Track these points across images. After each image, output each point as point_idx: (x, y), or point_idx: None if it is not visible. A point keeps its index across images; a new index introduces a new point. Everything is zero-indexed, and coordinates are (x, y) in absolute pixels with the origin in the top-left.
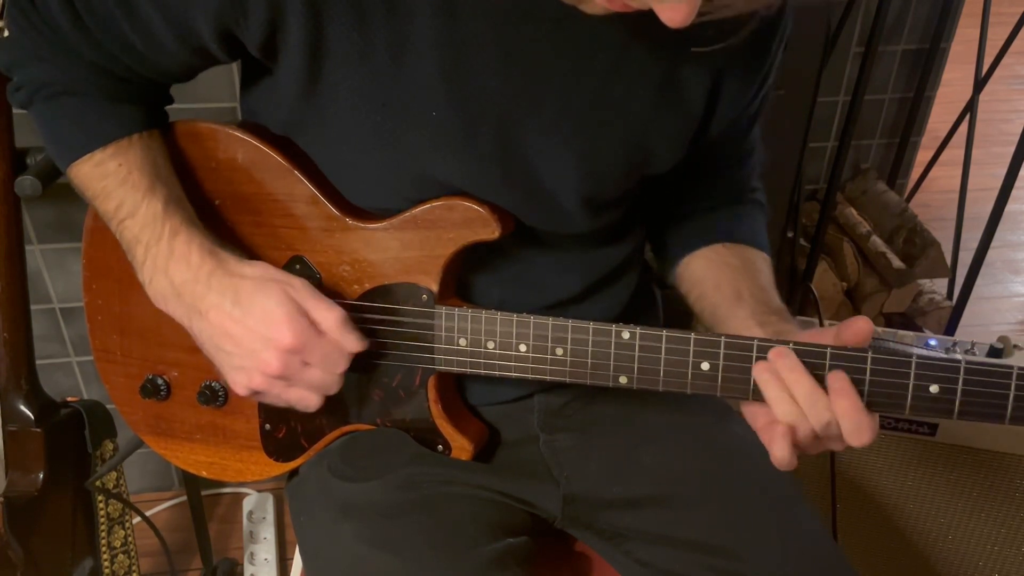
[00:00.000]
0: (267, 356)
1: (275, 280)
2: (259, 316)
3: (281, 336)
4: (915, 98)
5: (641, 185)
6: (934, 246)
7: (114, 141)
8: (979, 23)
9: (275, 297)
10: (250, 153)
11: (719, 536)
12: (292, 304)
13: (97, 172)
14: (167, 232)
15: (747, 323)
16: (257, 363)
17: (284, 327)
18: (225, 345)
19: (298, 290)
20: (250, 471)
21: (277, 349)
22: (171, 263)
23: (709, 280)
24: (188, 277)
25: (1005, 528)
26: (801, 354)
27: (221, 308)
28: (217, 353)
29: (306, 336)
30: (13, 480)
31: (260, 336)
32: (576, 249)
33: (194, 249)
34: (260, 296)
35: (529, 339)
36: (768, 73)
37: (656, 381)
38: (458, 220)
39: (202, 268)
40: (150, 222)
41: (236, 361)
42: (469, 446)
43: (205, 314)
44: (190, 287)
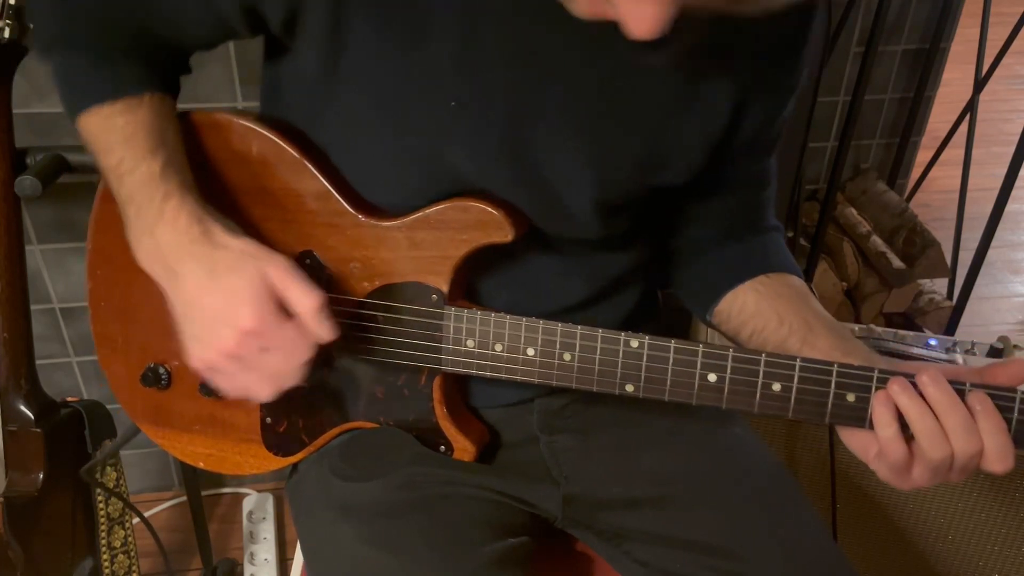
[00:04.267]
0: (224, 332)
1: (254, 257)
2: (226, 291)
3: (242, 315)
4: (915, 98)
5: (653, 194)
6: (934, 246)
7: (126, 96)
8: (979, 23)
9: (247, 275)
10: (264, 146)
11: (719, 536)
12: (262, 285)
13: (105, 125)
14: (160, 195)
15: (831, 355)
16: (213, 338)
17: (247, 307)
18: (191, 313)
19: (278, 270)
20: (249, 464)
21: (235, 328)
22: (159, 224)
23: (768, 313)
24: (172, 239)
25: (1005, 528)
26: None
27: (196, 276)
28: (183, 321)
29: (268, 320)
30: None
31: (222, 311)
32: (584, 255)
33: (183, 214)
34: (233, 272)
35: (537, 343)
36: (795, 86)
37: (663, 391)
38: (471, 222)
39: (187, 233)
40: (146, 182)
41: (196, 331)
42: (471, 448)
43: (181, 279)
44: (173, 249)
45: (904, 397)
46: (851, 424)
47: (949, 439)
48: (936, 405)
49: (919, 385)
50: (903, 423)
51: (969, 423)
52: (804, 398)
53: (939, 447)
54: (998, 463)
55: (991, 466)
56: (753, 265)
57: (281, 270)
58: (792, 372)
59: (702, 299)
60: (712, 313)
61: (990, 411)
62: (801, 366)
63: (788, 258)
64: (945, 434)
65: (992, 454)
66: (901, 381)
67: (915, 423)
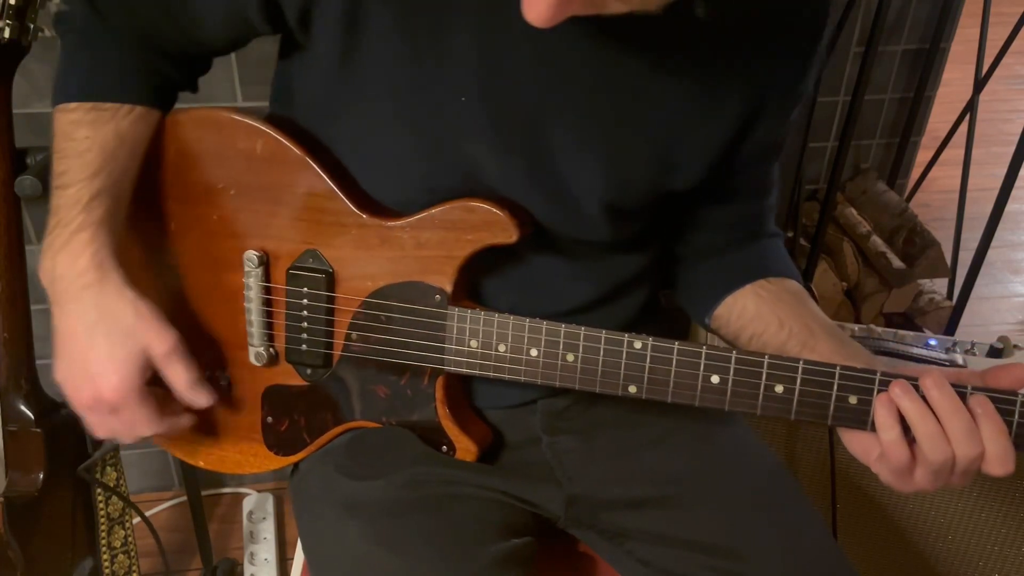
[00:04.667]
0: (83, 387)
1: (140, 331)
2: (101, 356)
3: (105, 386)
4: (915, 98)
5: (665, 199)
6: (934, 246)
7: (103, 102)
8: (979, 23)
9: (126, 347)
10: (269, 144)
11: (720, 536)
12: (139, 360)
13: (67, 130)
14: (75, 224)
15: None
16: (74, 382)
17: (115, 378)
18: (62, 348)
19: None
20: (249, 463)
21: (93, 391)
22: (61, 253)
23: (768, 317)
24: (67, 275)
25: (1005, 528)
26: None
27: (76, 322)
28: (59, 347)
29: (129, 398)
30: (13, 480)
31: (90, 372)
32: (592, 258)
33: (87, 254)
34: (114, 339)
35: (540, 344)
36: (803, 91)
37: (665, 392)
38: (477, 222)
39: (82, 276)
40: (71, 204)
41: (64, 366)
42: (474, 448)
43: (63, 316)
44: (63, 285)
45: (906, 400)
46: (853, 426)
47: (951, 443)
48: (938, 409)
49: (922, 388)
50: (905, 426)
51: (971, 427)
52: (806, 400)
53: (940, 450)
54: (999, 466)
55: (992, 469)
56: (753, 270)
57: (164, 350)
58: (795, 374)
59: (701, 304)
60: (711, 317)
61: (991, 415)
62: (804, 368)
63: (788, 263)
64: (947, 437)
65: (993, 457)
66: (903, 384)
67: (917, 426)
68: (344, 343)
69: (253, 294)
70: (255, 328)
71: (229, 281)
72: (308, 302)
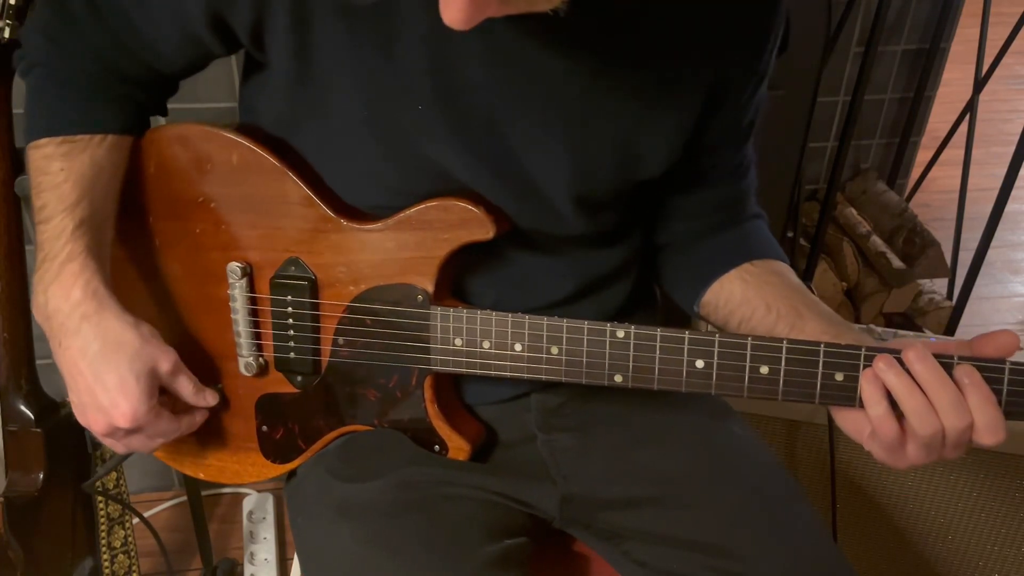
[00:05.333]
0: (98, 417)
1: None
2: (110, 386)
3: (119, 416)
4: (915, 98)
5: (635, 188)
6: (934, 246)
7: (73, 136)
8: (979, 23)
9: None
10: (244, 155)
11: (718, 536)
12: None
13: (41, 165)
14: (64, 255)
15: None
16: (87, 412)
17: (127, 403)
18: (71, 385)
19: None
20: (248, 472)
21: (108, 418)
22: (53, 286)
23: (755, 300)
24: (63, 308)
25: (1005, 528)
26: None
27: (78, 356)
28: (67, 379)
29: (143, 421)
30: (13, 480)
31: (101, 403)
32: (570, 251)
33: (79, 284)
34: (121, 366)
35: (524, 339)
36: (764, 73)
37: (651, 379)
38: (453, 221)
39: (78, 308)
40: (55, 237)
41: (73, 396)
42: (466, 446)
43: (65, 350)
44: (60, 319)
45: (891, 375)
46: (841, 404)
47: (939, 415)
48: (923, 381)
49: (905, 362)
50: (893, 400)
51: (957, 398)
52: (792, 380)
53: (929, 423)
54: (989, 436)
55: (983, 439)
56: (736, 254)
57: (172, 366)
58: (779, 354)
59: (688, 291)
60: (699, 305)
61: (978, 384)
62: (788, 348)
63: (772, 244)
64: (934, 410)
65: (983, 427)
66: (887, 358)
67: (903, 401)
68: (332, 348)
69: (239, 305)
70: (243, 339)
71: (215, 294)
72: (293, 310)
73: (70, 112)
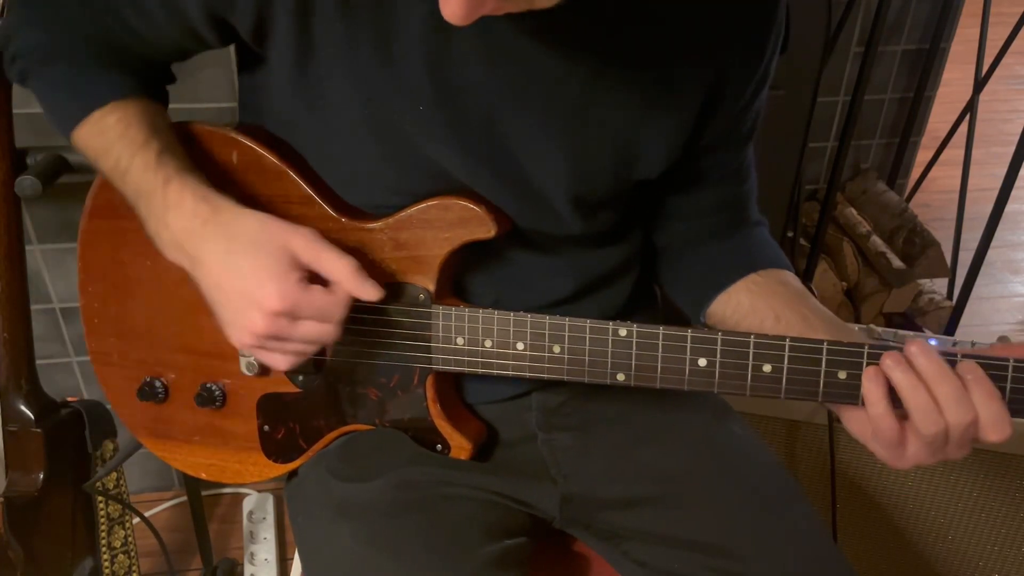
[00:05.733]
0: (254, 315)
1: (274, 230)
2: (248, 273)
3: (267, 297)
4: (915, 98)
5: (634, 189)
6: (934, 246)
7: (111, 102)
8: (979, 23)
9: (268, 251)
10: (245, 154)
11: (718, 536)
12: (286, 259)
13: (96, 129)
14: (160, 182)
15: None
16: (245, 321)
17: (272, 285)
18: (219, 297)
19: (304, 241)
20: (249, 472)
21: (262, 310)
22: (168, 213)
23: (764, 311)
24: (185, 225)
25: (1005, 528)
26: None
27: (215, 258)
28: (215, 306)
29: (295, 296)
30: (13, 480)
31: (247, 295)
32: (570, 251)
33: (187, 197)
34: (253, 249)
35: (526, 337)
36: (764, 76)
37: (653, 378)
38: (454, 220)
39: (196, 216)
40: (144, 173)
41: (228, 316)
42: (468, 445)
43: (203, 264)
44: (187, 236)
45: (897, 371)
46: (844, 401)
47: (942, 411)
48: (926, 376)
49: (907, 355)
50: (896, 399)
51: (961, 392)
52: (795, 378)
53: (933, 421)
54: (994, 432)
55: (988, 435)
56: (742, 263)
57: (306, 241)
58: (782, 352)
59: (693, 301)
60: (704, 315)
61: (981, 379)
62: (791, 345)
63: (777, 252)
64: (938, 406)
65: (987, 423)
66: (894, 355)
67: (907, 398)
68: (333, 348)
69: None
70: None
71: None
72: None
73: (94, 84)
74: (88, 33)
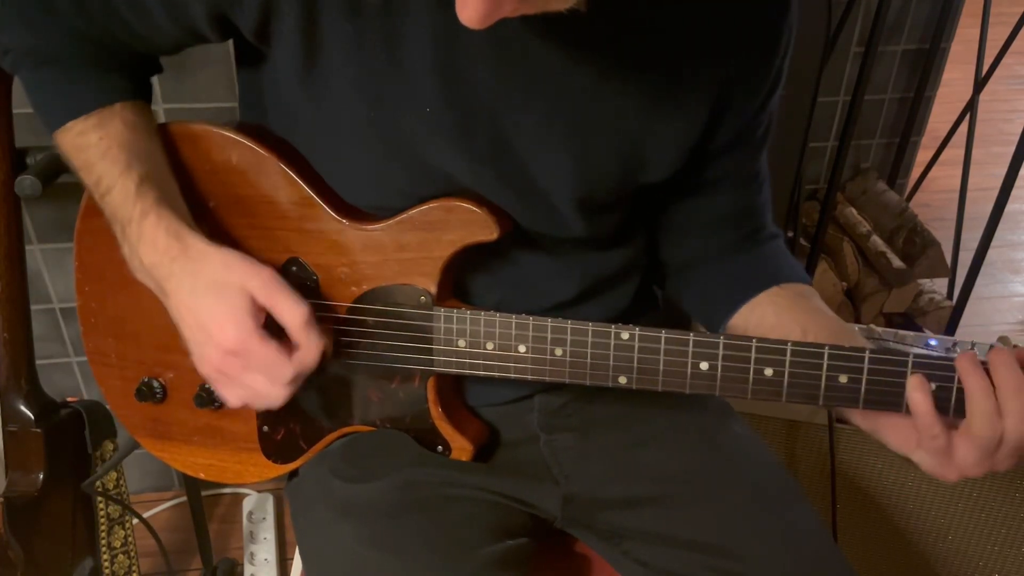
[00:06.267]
0: (210, 351)
1: (236, 272)
2: (207, 311)
3: (224, 335)
4: (915, 98)
5: (639, 192)
6: (934, 246)
7: (97, 109)
8: (979, 23)
9: (228, 293)
10: (245, 155)
11: (718, 536)
12: (245, 302)
13: (79, 143)
14: (137, 213)
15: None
16: (203, 353)
17: (228, 326)
18: (183, 328)
19: (262, 283)
20: (249, 473)
21: (217, 348)
22: (141, 245)
23: (789, 325)
24: (155, 260)
25: (1005, 528)
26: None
27: (181, 294)
28: (182, 332)
29: (247, 344)
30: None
31: (206, 331)
32: (573, 254)
33: (160, 233)
34: (214, 291)
35: (528, 340)
36: (777, 79)
37: (655, 381)
38: (456, 222)
39: (167, 252)
40: (123, 202)
41: (190, 345)
42: (469, 446)
43: (170, 297)
44: (157, 270)
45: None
46: (844, 405)
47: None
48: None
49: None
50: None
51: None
52: (797, 382)
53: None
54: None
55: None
56: (764, 278)
57: (263, 283)
58: (784, 356)
59: (714, 314)
60: (726, 328)
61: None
62: (792, 350)
63: (796, 266)
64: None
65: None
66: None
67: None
68: (333, 349)
69: None
70: None
71: None
72: None
73: (85, 89)
74: (81, 30)
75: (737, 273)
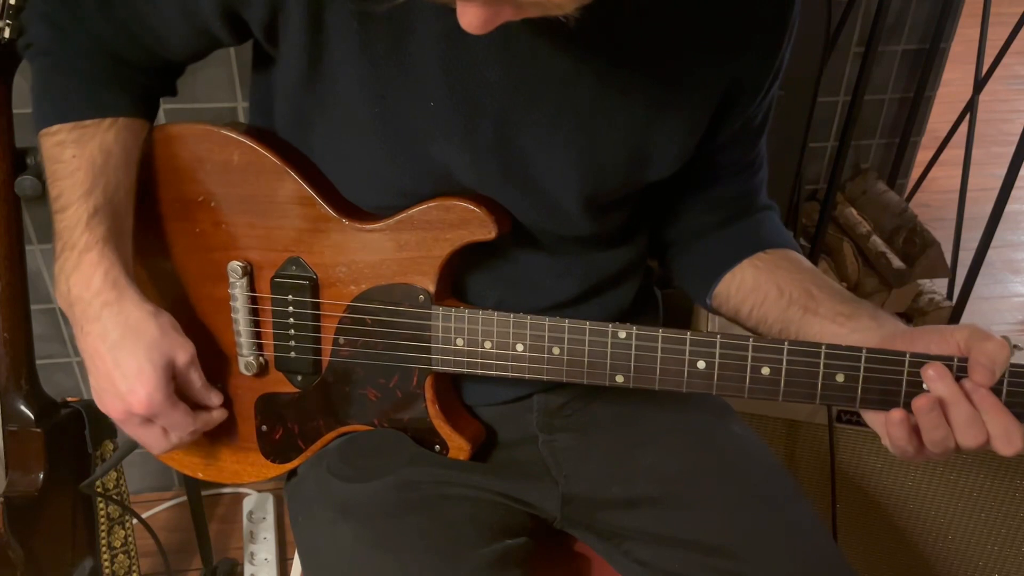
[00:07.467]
0: (115, 402)
1: (166, 342)
2: (124, 367)
3: (135, 397)
4: (915, 98)
5: (643, 189)
6: (934, 246)
7: (83, 121)
8: (979, 23)
9: (151, 361)
10: (245, 155)
11: (718, 536)
12: (165, 370)
13: (54, 153)
14: (81, 244)
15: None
16: (105, 398)
17: (143, 391)
18: (90, 366)
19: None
20: (247, 472)
21: (125, 403)
22: (74, 275)
23: (766, 286)
24: (84, 297)
25: (1005, 528)
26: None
27: (100, 342)
28: (87, 365)
29: (159, 408)
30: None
31: (118, 385)
32: (575, 252)
33: (99, 274)
34: (141, 353)
35: (526, 339)
36: (779, 69)
37: (652, 380)
38: (455, 221)
39: (99, 296)
40: (73, 226)
41: (92, 381)
42: (466, 446)
43: (87, 335)
44: (82, 306)
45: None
46: (841, 404)
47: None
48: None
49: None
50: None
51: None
52: (793, 380)
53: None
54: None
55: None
56: (748, 244)
57: (191, 358)
58: (780, 355)
59: (701, 284)
60: (711, 297)
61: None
62: (789, 349)
63: (784, 233)
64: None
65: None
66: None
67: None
68: (332, 348)
69: (239, 304)
70: (243, 338)
71: (216, 293)
72: (294, 309)
73: (78, 98)
74: (100, 35)
75: (724, 243)
